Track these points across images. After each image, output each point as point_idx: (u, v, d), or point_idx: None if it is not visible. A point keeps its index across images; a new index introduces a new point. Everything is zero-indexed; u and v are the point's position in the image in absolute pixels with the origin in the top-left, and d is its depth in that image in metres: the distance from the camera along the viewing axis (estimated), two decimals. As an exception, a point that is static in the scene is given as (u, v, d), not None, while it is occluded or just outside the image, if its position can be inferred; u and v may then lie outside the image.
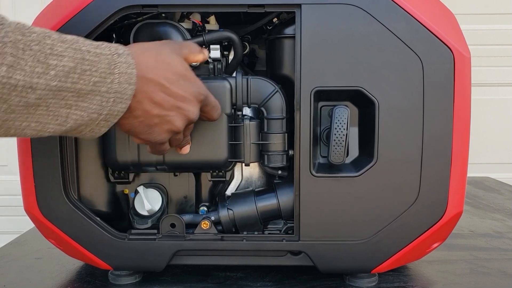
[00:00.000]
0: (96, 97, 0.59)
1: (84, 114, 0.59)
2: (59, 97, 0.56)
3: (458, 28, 0.81)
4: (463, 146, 0.79)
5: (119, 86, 0.61)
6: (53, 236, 0.86)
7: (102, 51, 0.60)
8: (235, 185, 0.93)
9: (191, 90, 0.69)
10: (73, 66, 0.57)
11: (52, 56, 0.55)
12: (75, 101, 0.58)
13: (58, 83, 0.55)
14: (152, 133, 0.68)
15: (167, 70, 0.67)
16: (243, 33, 0.90)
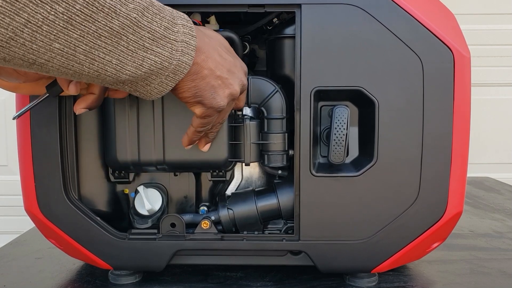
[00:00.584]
0: (167, 44, 0.60)
1: (158, 60, 0.60)
2: (137, 34, 0.57)
3: (458, 28, 0.81)
4: (463, 146, 0.80)
5: (184, 36, 0.62)
6: (53, 236, 0.86)
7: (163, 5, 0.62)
8: (235, 185, 0.93)
9: (238, 60, 0.73)
10: (146, 6, 0.58)
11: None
12: (150, 44, 0.59)
13: (137, 16, 0.56)
14: (216, 96, 0.68)
15: (217, 39, 0.71)
16: (243, 33, 0.90)
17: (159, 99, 0.79)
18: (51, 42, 0.51)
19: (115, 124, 0.81)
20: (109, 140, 0.82)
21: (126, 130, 0.81)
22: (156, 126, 0.81)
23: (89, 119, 0.85)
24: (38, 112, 0.80)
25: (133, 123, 0.81)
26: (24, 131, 0.81)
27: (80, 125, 0.85)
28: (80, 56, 0.54)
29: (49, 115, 0.80)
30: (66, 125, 0.82)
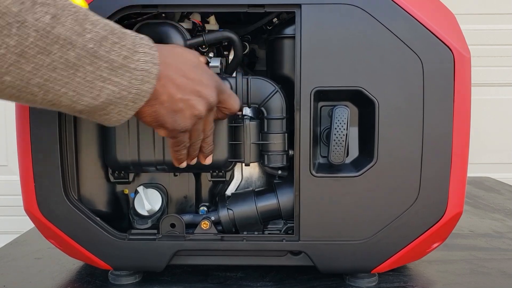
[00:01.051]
0: (127, 73, 0.59)
1: (116, 89, 0.59)
2: (95, 65, 0.56)
3: (458, 28, 0.81)
4: (463, 146, 0.79)
5: (145, 64, 0.61)
6: (53, 236, 0.86)
7: (126, 31, 0.61)
8: (235, 185, 0.93)
9: (206, 75, 0.70)
10: (105, 35, 0.57)
11: (87, 21, 0.56)
12: (109, 74, 0.58)
13: (94, 47, 0.55)
14: (177, 119, 0.68)
15: (183, 58, 0.69)
16: (243, 33, 0.90)
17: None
18: (1, 75, 0.50)
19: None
20: (109, 140, 0.82)
21: (126, 130, 0.81)
22: (156, 126, 0.80)
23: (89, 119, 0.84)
24: (38, 112, 0.80)
25: (133, 123, 0.81)
26: (24, 131, 0.81)
27: (80, 125, 0.85)
28: (33, 88, 0.53)
29: (49, 115, 0.80)
30: (66, 125, 0.82)
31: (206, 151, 0.77)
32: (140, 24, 0.83)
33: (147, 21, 0.82)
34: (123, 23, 0.83)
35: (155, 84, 0.62)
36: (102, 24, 0.57)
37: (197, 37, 0.83)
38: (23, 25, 0.50)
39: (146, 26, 0.82)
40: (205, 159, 0.79)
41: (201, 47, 0.85)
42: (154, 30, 0.82)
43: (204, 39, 0.83)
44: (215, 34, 0.84)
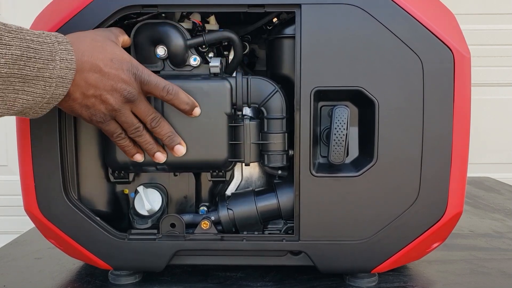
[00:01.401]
0: (40, 82, 0.64)
1: (30, 98, 0.64)
2: (8, 83, 0.61)
3: (458, 28, 0.81)
4: (463, 146, 0.79)
5: (61, 71, 0.66)
6: (53, 236, 0.86)
7: (44, 40, 0.65)
8: (235, 185, 0.93)
9: (124, 67, 0.72)
10: (20, 54, 0.61)
11: (1, 45, 0.60)
12: (22, 86, 0.63)
13: (7, 70, 0.60)
14: (92, 112, 0.72)
15: (100, 51, 0.71)
16: (243, 33, 0.90)
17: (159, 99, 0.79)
18: None
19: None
20: (109, 140, 0.82)
21: (126, 130, 0.81)
22: (156, 126, 0.80)
23: (89, 119, 0.85)
24: (38, 112, 0.80)
25: (133, 123, 0.81)
26: (24, 131, 0.81)
27: (80, 125, 0.85)
28: None
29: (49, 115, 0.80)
30: (66, 125, 0.82)
31: (168, 143, 0.79)
32: (140, 24, 0.83)
33: (147, 21, 0.82)
34: (123, 23, 0.83)
35: (68, 88, 0.67)
36: (18, 42, 0.61)
37: (197, 37, 0.83)
38: None
39: (146, 26, 0.82)
40: (174, 151, 0.80)
41: (201, 47, 0.85)
42: (154, 30, 0.82)
43: (204, 39, 0.83)
44: (215, 34, 0.84)
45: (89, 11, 0.78)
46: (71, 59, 0.67)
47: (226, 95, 0.81)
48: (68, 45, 0.67)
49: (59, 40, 0.67)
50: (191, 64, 0.84)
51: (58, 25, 0.78)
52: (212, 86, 0.80)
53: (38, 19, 0.85)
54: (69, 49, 0.67)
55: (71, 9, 0.79)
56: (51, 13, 0.83)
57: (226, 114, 0.81)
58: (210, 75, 0.83)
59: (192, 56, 0.83)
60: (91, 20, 0.78)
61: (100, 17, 0.78)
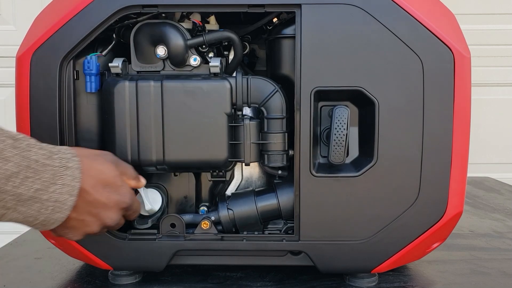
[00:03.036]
0: (36, 204, 0.62)
1: (20, 216, 0.63)
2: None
3: (458, 28, 0.81)
4: (463, 146, 0.79)
5: (60, 196, 0.64)
6: (53, 236, 0.86)
7: (51, 163, 0.64)
8: (235, 185, 0.93)
9: (114, 198, 0.71)
10: (16, 171, 0.60)
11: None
12: (14, 204, 0.61)
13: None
14: (67, 233, 0.71)
15: (96, 176, 0.69)
16: (243, 33, 0.90)
17: (158, 99, 0.79)
18: None
19: (115, 124, 0.81)
20: (109, 140, 0.82)
21: (126, 130, 0.81)
22: (156, 126, 0.80)
23: (89, 119, 0.85)
24: (38, 112, 0.80)
25: (133, 123, 0.81)
26: (24, 131, 0.81)
27: (80, 125, 0.84)
28: None
29: (49, 115, 0.80)
30: (66, 125, 0.82)
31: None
32: (140, 24, 0.83)
33: (147, 21, 0.83)
34: (123, 23, 0.83)
35: (68, 214, 0.65)
36: (18, 159, 0.60)
37: (197, 37, 0.83)
38: None
39: (146, 26, 0.82)
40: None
41: (201, 47, 0.85)
42: (154, 30, 0.82)
43: (204, 39, 0.83)
44: (215, 34, 0.84)
45: (89, 11, 0.78)
46: (74, 185, 0.65)
47: (226, 95, 0.81)
48: (76, 172, 0.66)
49: (68, 165, 0.65)
50: (191, 64, 0.84)
51: (58, 25, 0.79)
52: (212, 86, 0.80)
53: (37, 19, 0.85)
54: (75, 176, 0.65)
55: (71, 9, 0.79)
56: (51, 13, 0.83)
57: (226, 114, 0.81)
58: (210, 75, 0.83)
59: (192, 56, 0.83)
60: (91, 20, 0.78)
61: (100, 17, 0.78)
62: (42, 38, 0.79)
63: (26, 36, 0.83)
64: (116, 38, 0.86)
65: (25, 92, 0.80)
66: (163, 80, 0.80)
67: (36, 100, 0.80)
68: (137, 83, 0.80)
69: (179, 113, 0.80)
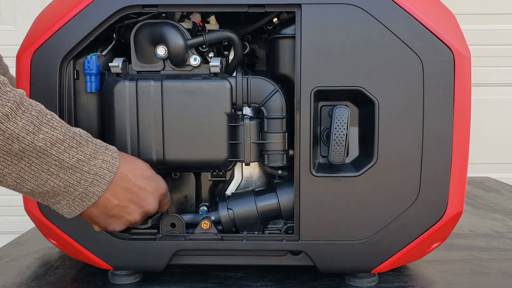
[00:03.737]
0: (77, 173, 0.67)
1: (62, 184, 0.66)
2: (42, 160, 0.64)
3: (458, 28, 0.81)
4: (463, 146, 0.79)
5: (100, 170, 0.69)
6: (53, 236, 0.86)
7: (94, 141, 0.70)
8: (235, 185, 0.93)
9: (153, 184, 0.76)
10: (61, 139, 0.65)
11: (47, 125, 0.65)
12: (57, 170, 0.65)
13: (43, 145, 0.63)
14: (111, 223, 0.74)
15: (134, 164, 0.75)
16: (243, 33, 0.90)
17: (158, 99, 0.79)
18: None
19: (115, 124, 0.81)
20: (109, 140, 0.82)
21: (126, 130, 0.81)
22: (156, 126, 0.80)
23: (89, 119, 0.85)
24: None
25: (133, 123, 0.81)
26: (24, 131, 0.81)
27: (80, 125, 0.84)
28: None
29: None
30: (66, 125, 0.82)
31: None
32: (140, 24, 0.83)
33: (148, 21, 0.83)
34: (123, 23, 0.83)
35: (105, 189, 0.69)
36: (64, 130, 0.66)
37: (198, 37, 0.83)
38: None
39: (146, 26, 0.82)
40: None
41: (201, 47, 0.85)
42: (155, 30, 0.82)
43: (204, 38, 0.83)
44: (215, 34, 0.84)
45: (89, 11, 0.78)
46: (114, 163, 0.70)
47: (226, 95, 0.81)
48: (115, 153, 0.72)
49: (109, 148, 0.72)
50: (191, 64, 0.84)
51: (58, 25, 0.79)
52: (212, 85, 0.80)
53: (38, 19, 0.85)
54: (115, 156, 0.71)
55: (71, 9, 0.79)
56: (51, 13, 0.83)
57: (226, 114, 0.81)
58: (210, 75, 0.83)
59: (192, 56, 0.83)
60: (91, 20, 0.78)
61: (100, 17, 0.78)
62: (42, 38, 0.79)
63: (26, 36, 0.83)
64: (116, 38, 0.86)
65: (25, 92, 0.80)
66: (163, 80, 0.80)
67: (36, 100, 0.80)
68: (137, 83, 0.80)
69: (179, 113, 0.80)
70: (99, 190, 0.69)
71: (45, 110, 0.66)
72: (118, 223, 0.74)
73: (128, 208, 0.73)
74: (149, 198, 0.75)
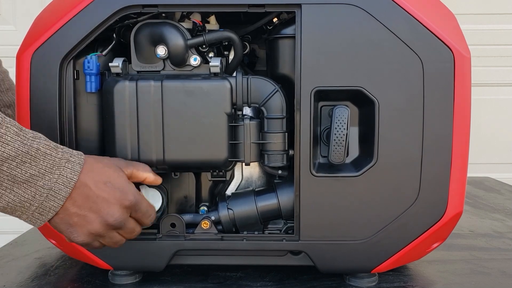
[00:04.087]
0: (31, 188, 0.65)
1: (16, 199, 0.65)
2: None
3: (458, 28, 0.81)
4: (463, 146, 0.79)
5: (56, 185, 0.66)
6: (53, 236, 0.86)
7: (54, 153, 0.67)
8: (235, 185, 0.93)
9: (116, 194, 0.72)
10: (13, 155, 0.63)
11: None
12: (11, 185, 0.64)
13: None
14: (72, 232, 0.71)
15: (98, 172, 0.71)
16: (243, 33, 0.90)
17: (158, 99, 0.79)
18: None
19: (115, 124, 0.81)
20: (109, 140, 0.82)
21: (126, 130, 0.81)
22: (156, 126, 0.80)
23: (89, 119, 0.85)
24: (38, 111, 0.80)
25: (133, 123, 0.81)
26: (24, 131, 0.81)
27: (80, 125, 0.84)
28: None
29: (49, 115, 0.80)
30: (66, 125, 0.82)
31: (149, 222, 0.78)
32: (140, 24, 0.83)
33: (148, 21, 0.83)
34: (123, 23, 0.83)
35: (62, 204, 0.67)
36: (18, 144, 0.64)
37: (198, 37, 0.83)
38: None
39: (146, 26, 0.82)
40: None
41: (201, 47, 0.85)
42: (155, 30, 0.82)
43: (204, 38, 0.83)
44: (215, 34, 0.84)
45: (89, 11, 0.78)
46: (71, 178, 0.67)
47: (226, 95, 0.81)
48: (76, 166, 0.68)
49: (71, 160, 0.68)
50: (191, 64, 0.84)
51: (58, 25, 0.78)
52: (212, 86, 0.80)
53: (38, 19, 0.85)
54: (75, 170, 0.68)
55: (71, 9, 0.79)
56: (51, 13, 0.83)
57: (226, 114, 0.81)
58: (210, 75, 0.83)
59: (193, 56, 0.83)
60: (91, 20, 0.78)
61: (100, 17, 0.78)
62: (42, 38, 0.79)
63: (26, 36, 0.83)
64: (116, 38, 0.86)
65: (25, 92, 0.80)
66: (163, 80, 0.80)
67: (36, 100, 0.80)
68: (137, 83, 0.80)
69: (179, 113, 0.80)
70: (55, 205, 0.67)
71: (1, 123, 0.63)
72: (79, 233, 0.71)
73: (88, 217, 0.70)
74: (110, 208, 0.71)
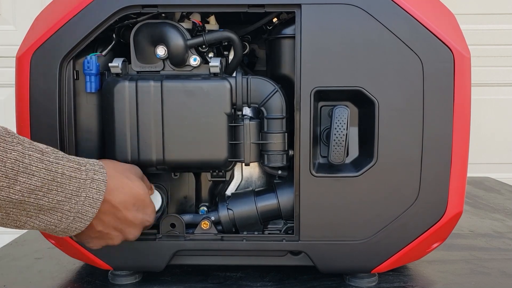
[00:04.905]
0: (57, 213, 0.65)
1: (42, 224, 0.65)
2: (20, 207, 0.61)
3: (458, 28, 0.81)
4: (463, 146, 0.79)
5: (83, 207, 0.66)
6: (52, 236, 0.86)
7: (78, 175, 0.66)
8: (235, 185, 0.93)
9: (140, 217, 0.75)
10: (40, 185, 0.62)
11: (24, 174, 0.60)
12: (36, 213, 0.63)
13: (20, 197, 0.60)
14: (90, 242, 0.74)
15: (127, 193, 0.72)
16: (243, 33, 0.90)
17: (158, 99, 0.79)
18: None
19: (114, 124, 0.81)
20: (109, 140, 0.82)
21: (126, 130, 0.81)
22: (156, 126, 0.80)
23: (89, 119, 0.85)
24: (38, 111, 0.80)
25: (133, 123, 0.81)
26: (24, 131, 0.81)
27: (79, 125, 0.84)
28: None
29: (49, 115, 0.80)
30: (66, 126, 0.82)
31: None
32: (140, 24, 0.83)
33: (147, 21, 0.82)
34: (123, 23, 0.83)
35: (87, 224, 0.67)
36: (43, 173, 0.62)
37: (197, 37, 0.83)
38: None
39: (146, 26, 0.82)
40: None
41: (201, 47, 0.85)
42: (154, 30, 0.82)
43: (204, 39, 0.83)
44: (215, 34, 0.84)
45: (89, 11, 0.78)
46: (97, 199, 0.67)
47: (226, 95, 0.81)
48: (101, 185, 0.68)
49: (95, 178, 0.67)
50: (191, 64, 0.84)
51: (58, 25, 0.79)
52: (212, 86, 0.80)
53: (38, 19, 0.85)
54: (100, 189, 0.68)
55: (71, 9, 0.79)
56: (51, 13, 0.83)
57: (226, 114, 0.81)
58: (210, 75, 0.83)
59: (192, 56, 0.83)
60: (91, 20, 0.78)
61: (100, 17, 0.78)
62: (42, 38, 0.79)
63: (26, 36, 0.83)
64: (116, 38, 0.86)
65: (25, 92, 0.80)
66: (163, 80, 0.80)
67: (36, 100, 0.80)
68: (137, 83, 0.80)
69: (179, 113, 0.80)
70: (82, 225, 0.67)
71: (23, 153, 0.61)
72: (95, 244, 0.74)
73: (111, 235, 0.73)
74: (133, 229, 0.75)
